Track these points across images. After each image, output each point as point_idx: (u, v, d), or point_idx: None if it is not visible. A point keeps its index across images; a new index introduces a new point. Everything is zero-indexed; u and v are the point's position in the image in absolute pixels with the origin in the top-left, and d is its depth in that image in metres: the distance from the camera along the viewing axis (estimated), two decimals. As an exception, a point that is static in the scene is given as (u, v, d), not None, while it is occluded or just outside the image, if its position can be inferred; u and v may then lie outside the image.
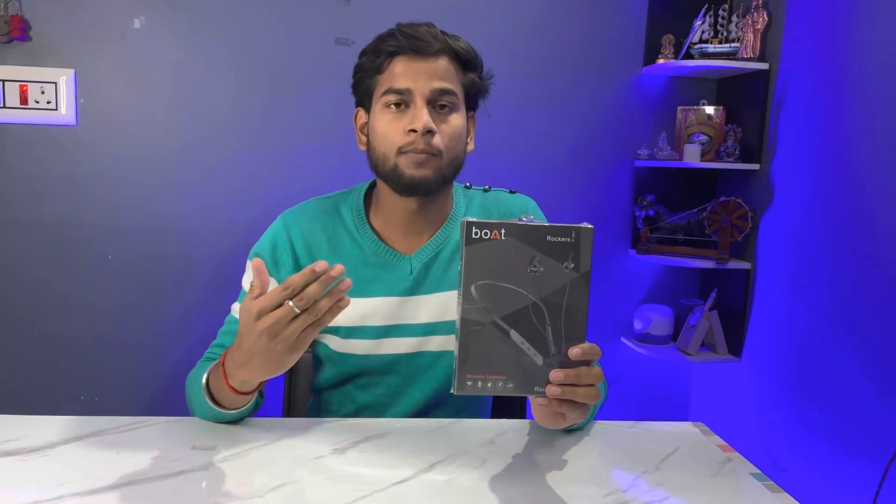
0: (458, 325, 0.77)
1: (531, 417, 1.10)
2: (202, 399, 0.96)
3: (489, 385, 0.78)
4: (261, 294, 0.82)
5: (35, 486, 0.80)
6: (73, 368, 2.16)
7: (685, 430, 1.04)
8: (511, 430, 1.01)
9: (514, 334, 0.77)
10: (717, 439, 1.02)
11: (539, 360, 0.78)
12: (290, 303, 0.79)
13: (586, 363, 0.79)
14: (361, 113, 1.12)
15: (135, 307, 2.16)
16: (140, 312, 2.16)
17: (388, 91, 1.04)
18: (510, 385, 0.78)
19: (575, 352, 0.78)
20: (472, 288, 0.76)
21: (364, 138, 1.11)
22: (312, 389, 1.23)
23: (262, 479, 0.84)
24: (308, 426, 1.00)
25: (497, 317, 0.77)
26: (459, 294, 0.76)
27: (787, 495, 0.85)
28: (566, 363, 0.79)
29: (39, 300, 2.13)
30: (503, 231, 0.75)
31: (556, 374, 0.78)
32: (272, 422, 1.00)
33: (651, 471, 0.90)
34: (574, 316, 0.78)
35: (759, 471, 0.92)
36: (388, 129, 1.04)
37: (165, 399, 2.19)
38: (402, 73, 1.03)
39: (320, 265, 0.79)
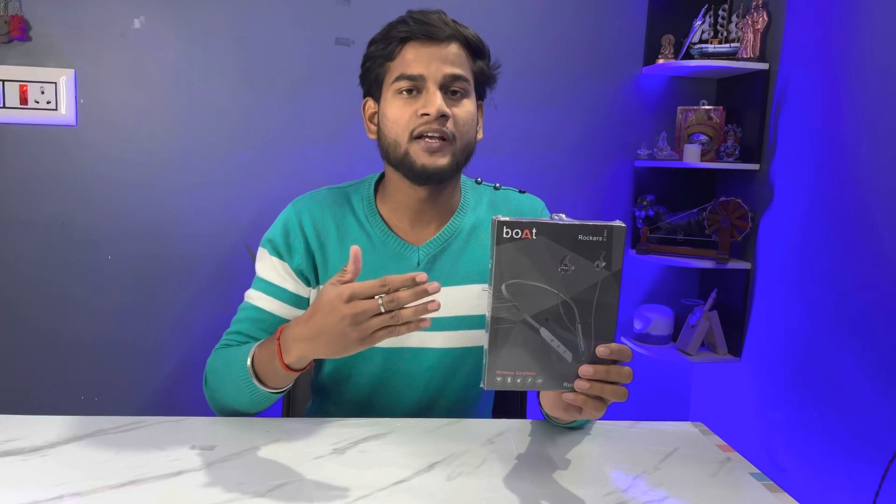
0: (487, 322, 0.78)
1: (531, 417, 1.10)
2: (243, 381, 0.97)
3: (518, 381, 0.79)
4: (352, 279, 0.85)
5: (35, 486, 0.80)
6: (73, 368, 2.16)
7: (685, 430, 1.05)
8: (511, 430, 1.01)
9: (543, 332, 0.78)
10: (717, 439, 1.02)
11: (569, 356, 0.79)
12: (381, 299, 0.82)
13: (615, 362, 0.80)
14: (370, 102, 1.11)
15: (135, 307, 2.16)
16: (140, 312, 2.16)
17: (401, 77, 1.03)
18: (539, 381, 0.79)
19: (602, 350, 0.79)
20: (503, 287, 0.77)
21: (373, 127, 1.10)
22: (313, 390, 1.23)
23: (262, 479, 0.84)
24: (308, 426, 1.00)
25: (527, 315, 0.78)
26: (490, 292, 0.77)
27: (786, 495, 0.85)
28: (595, 361, 0.79)
29: (39, 300, 2.13)
30: (534, 230, 0.76)
31: (585, 369, 0.79)
32: (272, 422, 1.00)
33: (651, 471, 0.91)
34: (604, 314, 0.78)
35: (758, 471, 0.92)
36: (400, 114, 1.03)
37: (165, 399, 2.19)
38: (415, 58, 1.02)
39: (422, 276, 0.82)
